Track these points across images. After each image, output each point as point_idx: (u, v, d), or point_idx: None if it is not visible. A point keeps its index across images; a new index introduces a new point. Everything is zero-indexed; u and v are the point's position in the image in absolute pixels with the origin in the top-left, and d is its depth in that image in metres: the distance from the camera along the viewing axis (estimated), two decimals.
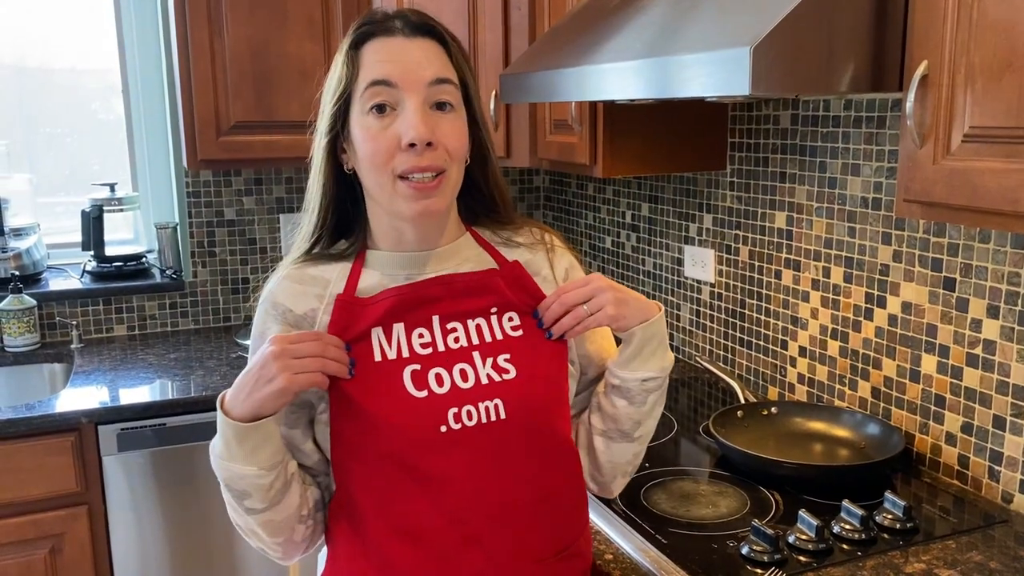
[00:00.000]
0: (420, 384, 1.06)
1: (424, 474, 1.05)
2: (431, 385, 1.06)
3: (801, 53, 1.19)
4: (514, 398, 1.08)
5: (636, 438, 1.22)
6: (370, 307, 1.09)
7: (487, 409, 1.07)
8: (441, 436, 1.05)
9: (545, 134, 2.20)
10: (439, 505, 1.06)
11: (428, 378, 1.06)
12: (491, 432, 1.07)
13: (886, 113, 1.68)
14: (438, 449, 1.05)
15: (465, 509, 1.06)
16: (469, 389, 1.07)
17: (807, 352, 1.93)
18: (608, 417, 1.20)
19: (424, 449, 1.05)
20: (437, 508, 1.06)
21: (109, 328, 2.67)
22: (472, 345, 1.10)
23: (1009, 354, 1.48)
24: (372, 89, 1.04)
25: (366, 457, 1.06)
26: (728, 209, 2.14)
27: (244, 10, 2.31)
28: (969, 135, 1.12)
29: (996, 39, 1.07)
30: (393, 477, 1.05)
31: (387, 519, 1.07)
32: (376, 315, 1.08)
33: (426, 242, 1.13)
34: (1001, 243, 1.48)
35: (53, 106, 2.79)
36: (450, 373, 1.07)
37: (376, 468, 1.06)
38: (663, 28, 1.44)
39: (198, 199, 2.70)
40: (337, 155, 1.10)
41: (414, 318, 1.09)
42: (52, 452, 2.04)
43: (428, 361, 1.08)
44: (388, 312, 1.09)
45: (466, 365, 1.08)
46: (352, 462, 1.08)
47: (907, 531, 1.39)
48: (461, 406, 1.06)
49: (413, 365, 1.07)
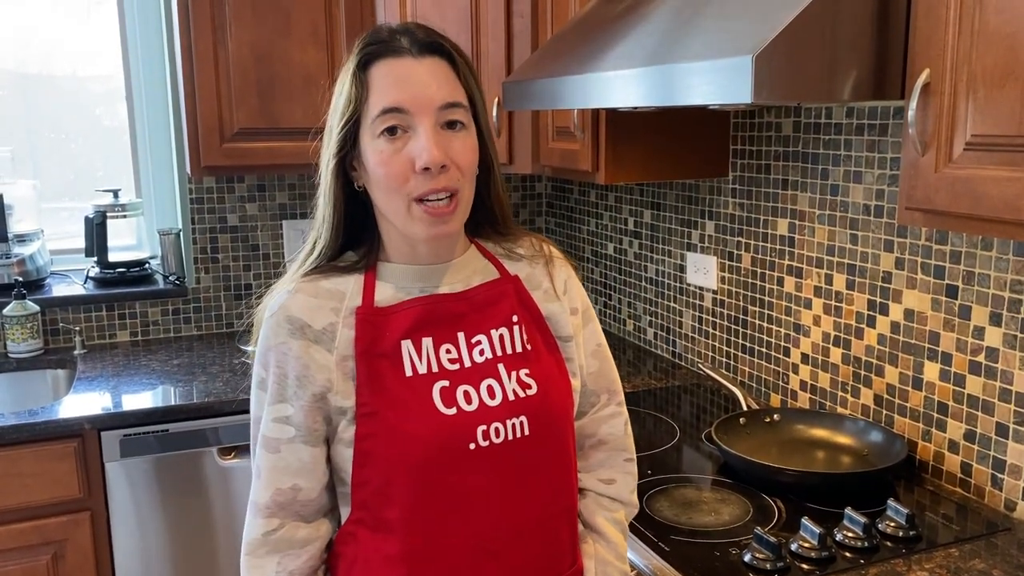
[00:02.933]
0: (449, 401, 1.06)
1: (452, 491, 1.05)
2: (459, 402, 1.06)
3: (803, 61, 1.19)
4: (536, 414, 1.09)
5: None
6: (392, 317, 1.08)
7: (513, 426, 1.07)
8: (470, 453, 1.05)
9: (547, 141, 2.20)
10: (465, 522, 1.06)
11: (457, 395, 1.07)
12: (516, 449, 1.08)
13: (888, 121, 1.68)
14: (467, 466, 1.05)
15: (490, 526, 1.07)
16: (497, 407, 1.07)
17: (809, 359, 1.93)
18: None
19: (453, 467, 1.05)
20: (463, 525, 1.06)
21: (112, 334, 2.67)
22: (496, 356, 1.10)
23: (1012, 362, 1.48)
24: (384, 116, 1.04)
25: (395, 474, 1.05)
26: (730, 216, 2.14)
27: (248, 17, 2.32)
28: (971, 143, 1.13)
29: (998, 48, 1.07)
30: (421, 494, 1.05)
31: (413, 537, 1.06)
32: (402, 327, 1.08)
33: (438, 256, 1.13)
34: (1003, 251, 1.48)
35: (57, 112, 2.80)
36: (477, 391, 1.08)
37: (405, 485, 1.05)
38: (665, 36, 1.45)
39: (201, 205, 2.71)
40: (347, 173, 1.10)
41: (442, 334, 1.09)
42: (55, 458, 2.04)
43: (456, 377, 1.08)
44: (415, 325, 1.08)
45: (493, 381, 1.09)
46: (379, 479, 1.06)
47: (910, 539, 1.39)
48: (490, 424, 1.06)
49: (442, 381, 1.07)
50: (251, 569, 1.08)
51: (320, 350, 1.06)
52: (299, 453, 1.07)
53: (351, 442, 1.06)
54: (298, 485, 1.07)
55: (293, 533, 1.08)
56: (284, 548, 1.08)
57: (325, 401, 1.06)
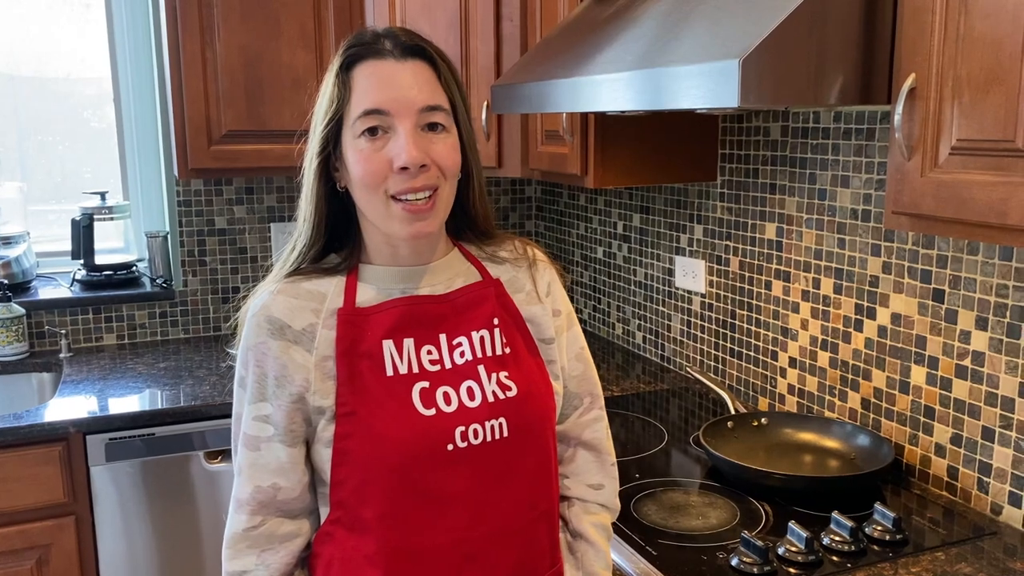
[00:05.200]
0: (428, 402, 1.06)
1: (430, 492, 1.05)
2: (439, 403, 1.07)
3: (790, 65, 1.19)
4: (516, 416, 1.10)
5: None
6: (373, 317, 1.09)
7: (492, 428, 1.08)
8: (448, 454, 1.05)
9: (537, 144, 2.20)
10: (443, 523, 1.06)
11: (436, 396, 1.07)
12: (495, 450, 1.08)
13: (875, 125, 1.68)
14: (444, 467, 1.05)
15: (467, 528, 1.07)
16: (476, 408, 1.08)
17: (797, 363, 1.94)
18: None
19: (431, 467, 1.05)
20: (441, 526, 1.06)
21: (99, 337, 2.66)
22: (476, 358, 1.11)
23: (998, 366, 1.48)
24: (365, 117, 1.04)
25: (373, 474, 1.05)
26: (719, 220, 2.15)
27: (236, 19, 2.31)
28: (957, 148, 1.13)
29: (983, 52, 1.08)
30: (398, 494, 1.05)
31: (390, 537, 1.06)
32: (383, 327, 1.08)
33: (420, 257, 1.13)
34: (990, 255, 1.49)
35: (46, 114, 2.78)
36: (457, 392, 1.08)
37: (383, 484, 1.05)
38: (654, 40, 1.45)
39: (189, 208, 2.69)
40: (330, 173, 1.10)
41: (423, 335, 1.10)
42: (39, 462, 2.03)
43: (436, 379, 1.08)
44: (396, 326, 1.09)
45: (472, 383, 1.09)
46: (357, 479, 1.06)
47: (897, 543, 1.39)
48: (468, 425, 1.06)
49: (422, 382, 1.07)
50: (230, 561, 1.09)
51: (299, 350, 1.07)
52: (277, 452, 1.07)
53: (330, 442, 1.06)
54: (278, 484, 1.08)
55: (276, 528, 1.09)
56: (264, 544, 1.09)
57: (303, 402, 1.07)
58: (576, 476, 1.26)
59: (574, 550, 1.22)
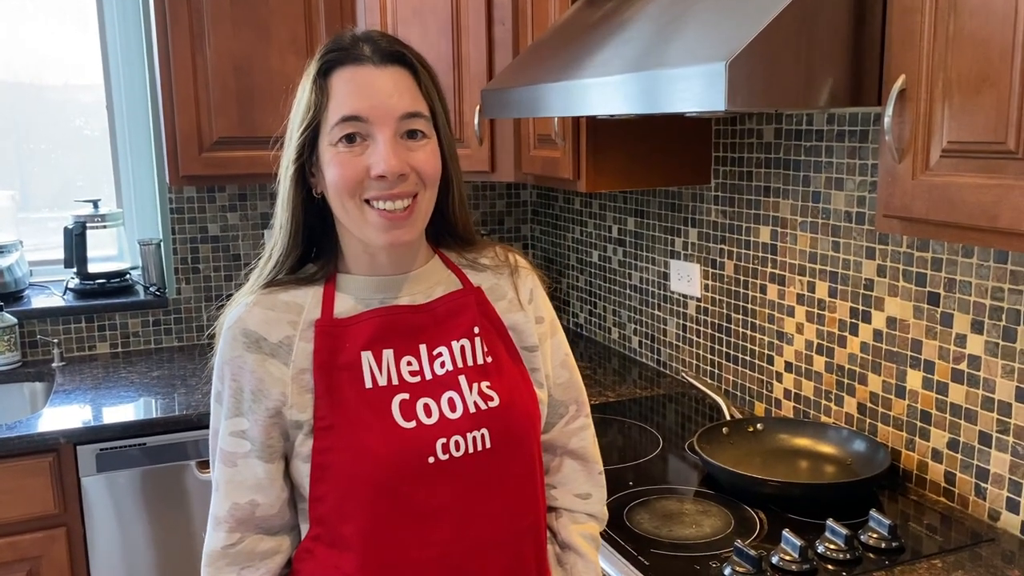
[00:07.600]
0: (408, 415, 1.04)
1: (412, 506, 1.03)
2: (419, 415, 1.04)
3: (778, 68, 1.18)
4: (499, 427, 1.07)
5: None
6: (352, 328, 1.07)
7: (475, 439, 1.05)
8: (429, 467, 1.03)
9: (529, 149, 2.19)
10: (426, 538, 1.03)
11: (417, 408, 1.05)
12: (478, 462, 1.06)
13: (869, 127, 1.67)
14: (426, 481, 1.03)
15: (451, 542, 1.04)
16: (458, 419, 1.05)
17: (793, 367, 1.92)
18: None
19: (412, 481, 1.02)
20: (424, 541, 1.03)
21: (92, 346, 2.64)
22: (457, 368, 1.08)
23: (994, 370, 1.47)
24: (342, 124, 1.02)
25: (353, 488, 1.03)
26: (713, 223, 2.13)
27: (227, 26, 2.30)
28: (947, 150, 1.11)
29: (972, 53, 1.06)
30: (379, 509, 1.03)
31: (371, 554, 1.04)
32: (362, 338, 1.06)
33: (399, 266, 1.11)
34: (984, 258, 1.47)
35: (40, 122, 2.77)
36: (438, 403, 1.06)
37: (363, 499, 1.03)
38: (644, 43, 1.43)
39: (182, 215, 2.68)
40: (306, 180, 1.08)
41: (403, 345, 1.07)
42: (30, 473, 2.01)
43: (417, 390, 1.06)
44: (375, 336, 1.07)
45: (454, 393, 1.07)
46: (336, 494, 1.04)
47: (892, 550, 1.37)
48: (449, 436, 1.04)
49: (402, 394, 1.05)
50: None
51: (276, 364, 1.05)
52: (254, 468, 1.05)
53: (308, 456, 1.04)
54: (256, 500, 1.06)
55: (255, 546, 1.07)
56: (244, 561, 1.07)
57: (280, 416, 1.05)
58: (563, 486, 1.24)
59: (563, 561, 1.20)
